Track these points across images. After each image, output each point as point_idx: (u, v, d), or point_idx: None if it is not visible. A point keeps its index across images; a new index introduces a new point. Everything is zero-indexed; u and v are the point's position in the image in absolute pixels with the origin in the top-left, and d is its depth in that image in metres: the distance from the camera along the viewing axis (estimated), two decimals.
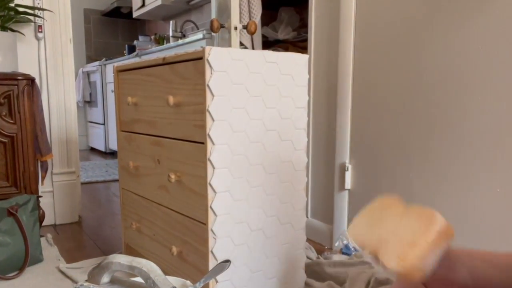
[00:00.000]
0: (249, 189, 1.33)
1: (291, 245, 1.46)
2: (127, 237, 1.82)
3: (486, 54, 1.43)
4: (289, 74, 1.37)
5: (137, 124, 1.62)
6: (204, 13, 4.65)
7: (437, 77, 1.58)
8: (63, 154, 2.49)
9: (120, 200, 1.84)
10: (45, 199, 2.43)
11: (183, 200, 1.37)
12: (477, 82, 1.46)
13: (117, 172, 4.19)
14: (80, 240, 2.22)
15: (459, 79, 1.52)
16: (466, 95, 1.50)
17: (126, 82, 1.67)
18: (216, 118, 1.22)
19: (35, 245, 1.83)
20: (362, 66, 1.89)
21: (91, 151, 5.93)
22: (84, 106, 5.94)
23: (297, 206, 1.46)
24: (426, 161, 1.64)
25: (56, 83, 2.44)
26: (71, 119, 2.51)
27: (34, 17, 2.30)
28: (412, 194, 1.70)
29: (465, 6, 1.48)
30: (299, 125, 1.42)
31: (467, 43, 1.49)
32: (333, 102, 2.04)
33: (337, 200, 2.03)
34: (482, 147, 1.46)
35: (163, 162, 1.46)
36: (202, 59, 1.21)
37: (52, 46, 2.41)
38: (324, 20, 2.07)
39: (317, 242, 2.17)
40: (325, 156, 2.12)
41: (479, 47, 1.45)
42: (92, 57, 6.16)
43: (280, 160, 1.39)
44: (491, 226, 1.46)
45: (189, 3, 4.67)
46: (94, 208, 2.87)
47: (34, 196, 1.89)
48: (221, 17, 2.89)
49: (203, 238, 1.28)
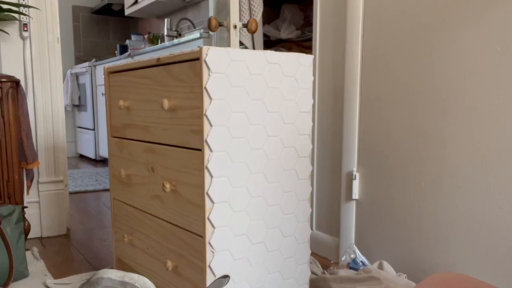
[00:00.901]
0: (250, 199, 1.33)
1: (294, 259, 1.46)
2: (118, 251, 1.82)
3: (504, 55, 1.43)
4: (292, 76, 1.38)
5: (130, 129, 1.62)
6: (202, 10, 4.67)
7: (452, 78, 1.59)
8: (50, 161, 2.49)
9: (111, 211, 1.84)
10: (31, 210, 2.43)
11: (178, 211, 1.37)
12: (494, 85, 1.46)
13: (108, 181, 4.19)
14: (68, 254, 2.21)
15: (474, 81, 1.52)
16: (483, 98, 1.50)
17: (118, 85, 1.67)
18: (214, 123, 1.23)
19: (20, 259, 1.83)
20: (371, 67, 1.89)
21: (80, 158, 5.93)
22: (72, 110, 5.95)
23: (301, 218, 1.46)
24: (439, 169, 1.64)
25: (42, 86, 2.45)
26: (59, 124, 2.51)
27: (19, 14, 2.31)
28: (424, 205, 1.70)
29: (480, 2, 1.49)
30: (303, 131, 1.42)
31: (482, 42, 1.49)
32: (339, 106, 2.04)
33: (344, 211, 2.03)
34: (501, 155, 1.46)
35: (157, 170, 1.46)
36: (199, 60, 1.21)
37: (38, 46, 2.42)
38: (330, 18, 2.08)
39: (322, 256, 2.16)
40: (331, 164, 2.12)
41: (495, 46, 1.45)
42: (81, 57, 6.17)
43: (283, 168, 1.39)
44: (510, 237, 1.46)
45: (185, 0, 4.69)
46: (83, 220, 2.87)
47: (19, 206, 1.89)
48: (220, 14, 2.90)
49: (200, 252, 1.28)
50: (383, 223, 1.88)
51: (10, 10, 2.21)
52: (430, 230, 1.69)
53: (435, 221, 1.67)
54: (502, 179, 1.46)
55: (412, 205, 1.75)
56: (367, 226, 1.95)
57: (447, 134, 1.62)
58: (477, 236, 1.54)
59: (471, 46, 1.52)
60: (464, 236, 1.58)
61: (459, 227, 1.59)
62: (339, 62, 2.03)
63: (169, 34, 4.59)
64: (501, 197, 1.47)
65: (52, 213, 2.51)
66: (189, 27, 4.80)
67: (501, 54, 1.44)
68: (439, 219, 1.65)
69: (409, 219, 1.77)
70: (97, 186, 3.95)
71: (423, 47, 1.68)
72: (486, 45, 1.48)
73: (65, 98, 5.77)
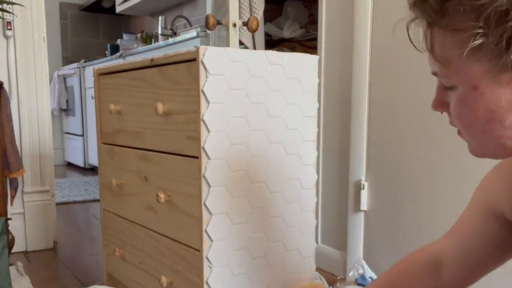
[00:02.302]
0: (250, 211, 1.33)
1: (298, 275, 1.46)
2: (109, 266, 1.82)
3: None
4: (296, 78, 1.38)
5: (121, 135, 1.63)
6: (198, 7, 4.68)
7: None
8: (36, 170, 2.49)
9: (101, 223, 1.84)
10: (15, 222, 2.43)
11: (173, 223, 1.37)
12: None
13: (97, 191, 4.19)
14: (55, 269, 2.21)
15: None
16: None
17: (108, 87, 1.68)
18: (211, 128, 1.23)
19: (3, 275, 1.83)
20: (380, 69, 1.90)
21: (68, 166, 5.94)
22: (60, 115, 5.96)
23: (305, 230, 1.46)
24: (454, 178, 1.65)
25: (27, 88, 2.45)
26: (45, 130, 2.52)
27: (2, 12, 2.32)
28: (437, 216, 1.70)
29: None
30: (308, 137, 1.43)
31: None
32: (346, 111, 2.04)
33: (351, 223, 2.03)
34: None
35: (151, 179, 1.46)
36: (195, 61, 1.22)
37: (23, 46, 2.43)
38: (337, 16, 2.09)
39: (328, 271, 2.16)
40: (337, 173, 2.12)
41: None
42: (69, 58, 6.19)
43: (286, 177, 1.39)
44: None
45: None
46: (71, 233, 2.87)
47: (2, 218, 1.89)
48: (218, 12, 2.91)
49: (196, 267, 1.28)
50: (394, 236, 1.88)
51: None
52: None
53: None
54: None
55: (424, 218, 1.75)
56: (376, 240, 1.95)
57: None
58: None
59: None
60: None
61: None
62: (346, 63, 2.04)
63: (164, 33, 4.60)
64: None
65: (38, 225, 2.51)
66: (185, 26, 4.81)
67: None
68: None
69: (421, 232, 1.76)
70: (86, 196, 3.95)
71: None
72: None
73: (52, 102, 5.77)
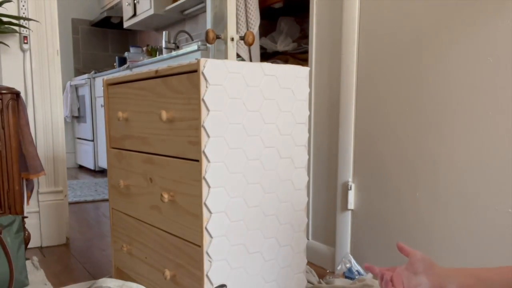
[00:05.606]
0: (247, 210, 1.33)
1: (291, 268, 1.46)
2: (117, 260, 1.81)
3: (496, 67, 1.45)
4: (289, 87, 1.38)
5: (128, 140, 1.63)
6: (199, 23, 4.69)
7: (446, 90, 1.60)
8: (50, 172, 2.49)
9: (110, 221, 1.84)
10: (31, 220, 2.43)
11: (176, 221, 1.37)
12: (488, 97, 1.48)
13: (107, 191, 4.19)
14: (68, 263, 2.21)
15: (469, 93, 1.53)
16: (478, 110, 1.51)
17: (117, 96, 1.68)
18: (211, 134, 1.23)
19: (20, 268, 1.83)
20: (366, 79, 1.90)
21: (79, 169, 5.92)
22: (72, 122, 5.95)
23: (297, 228, 1.46)
24: (434, 180, 1.65)
25: (42, 97, 2.45)
26: (58, 135, 2.51)
27: (19, 27, 2.32)
28: (419, 215, 1.70)
29: (475, 15, 1.50)
30: (300, 142, 1.43)
31: (476, 55, 1.50)
32: (335, 117, 2.05)
33: (340, 221, 2.04)
34: (495, 166, 1.47)
35: (156, 180, 1.46)
36: (196, 72, 1.22)
37: (38, 58, 2.43)
38: (326, 31, 2.09)
39: (318, 265, 2.16)
40: (327, 175, 2.12)
41: (489, 58, 1.47)
42: (81, 69, 6.18)
43: (279, 179, 1.39)
44: (504, 247, 1.46)
45: (183, 13, 4.71)
46: (82, 230, 2.86)
47: (19, 216, 1.89)
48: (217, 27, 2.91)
49: (197, 261, 1.28)
50: (379, 232, 1.88)
51: (10, 22, 2.22)
52: (425, 240, 1.69)
53: (430, 231, 1.67)
54: (496, 191, 1.47)
55: (407, 215, 1.76)
56: (362, 236, 1.96)
57: (442, 146, 1.62)
58: (473, 246, 1.55)
59: (465, 59, 1.53)
60: (459, 246, 1.58)
61: (454, 237, 1.60)
62: (335, 74, 2.04)
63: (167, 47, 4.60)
64: (498, 208, 1.47)
65: (52, 223, 2.50)
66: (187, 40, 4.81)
67: (494, 66, 1.46)
68: (434, 229, 1.66)
69: (404, 228, 1.77)
70: (96, 196, 3.94)
71: (419, 60, 1.69)
72: (480, 57, 1.49)
73: (65, 110, 5.76)
